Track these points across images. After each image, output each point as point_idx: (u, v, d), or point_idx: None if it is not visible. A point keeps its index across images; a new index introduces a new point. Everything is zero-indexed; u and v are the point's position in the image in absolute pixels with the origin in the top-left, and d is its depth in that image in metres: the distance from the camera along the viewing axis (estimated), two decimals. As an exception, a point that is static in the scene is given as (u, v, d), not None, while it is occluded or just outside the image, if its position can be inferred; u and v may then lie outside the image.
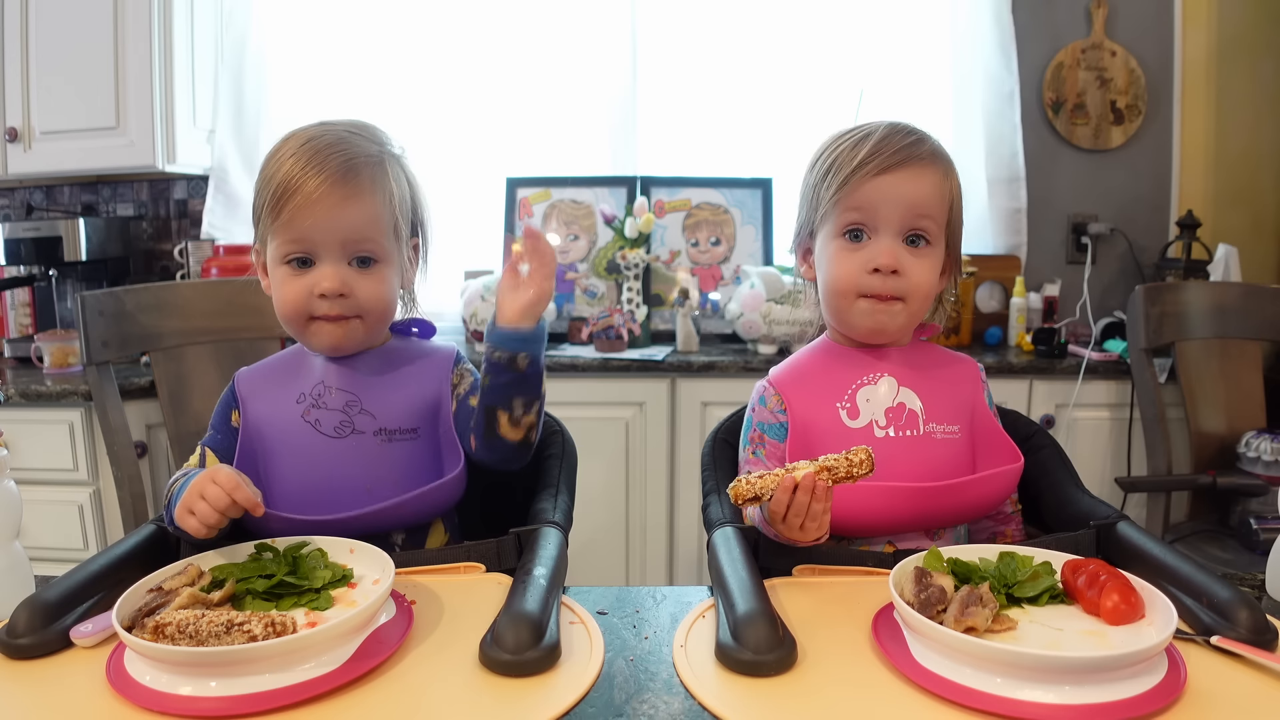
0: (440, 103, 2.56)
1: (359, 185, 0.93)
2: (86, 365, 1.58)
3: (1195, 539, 1.84)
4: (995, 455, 0.97)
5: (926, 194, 0.94)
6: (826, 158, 0.98)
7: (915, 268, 0.95)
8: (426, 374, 1.02)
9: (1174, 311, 1.97)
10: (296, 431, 0.97)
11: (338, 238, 0.93)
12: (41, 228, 2.35)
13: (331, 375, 0.99)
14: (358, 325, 0.96)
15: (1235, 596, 0.71)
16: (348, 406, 0.97)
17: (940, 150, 0.97)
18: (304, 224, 0.92)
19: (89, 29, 2.27)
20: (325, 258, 0.94)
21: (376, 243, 0.96)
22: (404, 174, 1.01)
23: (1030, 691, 0.61)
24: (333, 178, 0.91)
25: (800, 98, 2.54)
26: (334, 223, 0.92)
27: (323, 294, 0.93)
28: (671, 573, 2.23)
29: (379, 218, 0.95)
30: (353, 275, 0.95)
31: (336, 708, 0.63)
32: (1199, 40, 2.47)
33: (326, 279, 0.93)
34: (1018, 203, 2.48)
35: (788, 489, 0.79)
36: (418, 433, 0.99)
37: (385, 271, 0.97)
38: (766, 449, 0.99)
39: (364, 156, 0.95)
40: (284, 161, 0.93)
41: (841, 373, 0.99)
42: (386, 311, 0.99)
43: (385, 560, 0.77)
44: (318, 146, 0.93)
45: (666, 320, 2.49)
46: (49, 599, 0.73)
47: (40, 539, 2.05)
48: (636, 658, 0.73)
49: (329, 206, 0.92)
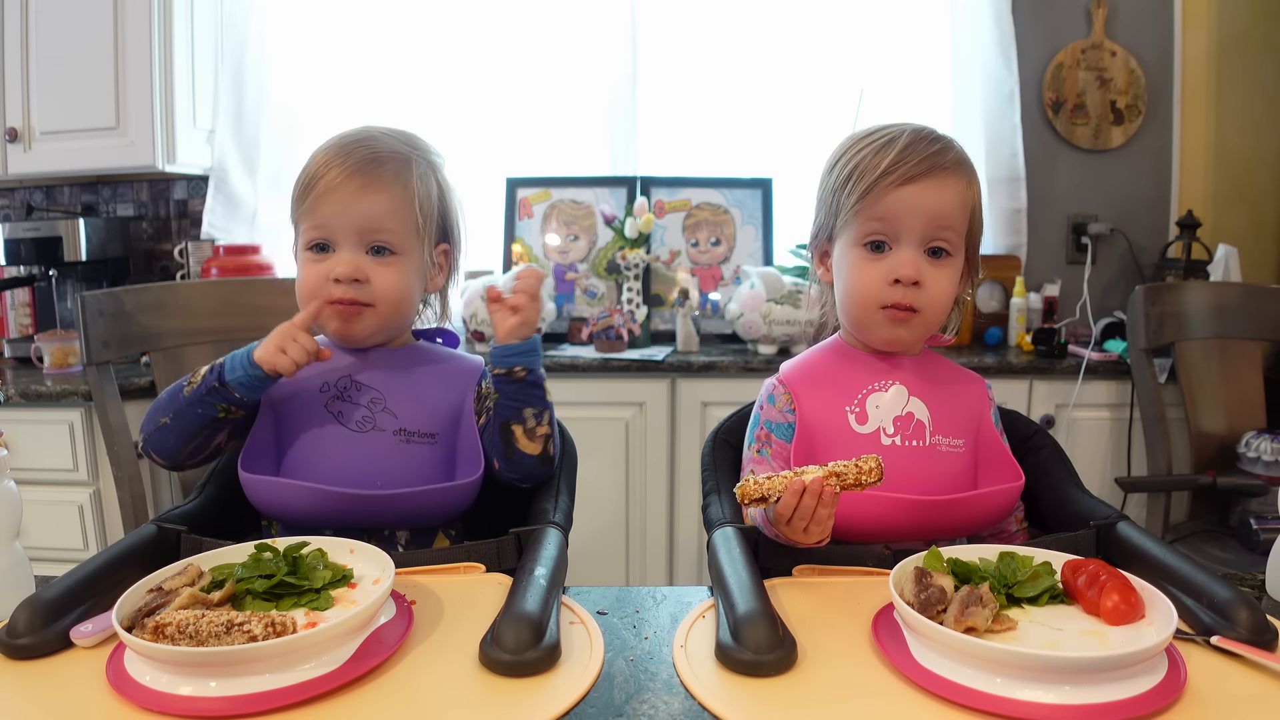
0: (440, 103, 2.56)
1: (379, 175, 0.96)
2: (86, 365, 1.57)
3: (1195, 539, 1.84)
4: (998, 473, 0.97)
5: (950, 205, 0.94)
6: (848, 162, 0.96)
7: (935, 279, 0.94)
8: (452, 380, 1.04)
9: (1174, 311, 1.97)
10: (319, 419, 0.99)
11: (355, 225, 0.96)
12: (41, 228, 2.35)
13: (359, 369, 1.01)
14: (370, 315, 0.98)
15: (1235, 596, 0.71)
16: (372, 403, 0.99)
17: (964, 158, 0.96)
18: (324, 210, 0.96)
19: (89, 29, 2.27)
20: (343, 244, 0.97)
21: (394, 234, 0.98)
22: (435, 180, 1.03)
23: (1030, 691, 0.61)
24: (354, 167, 0.95)
25: (800, 98, 2.54)
26: (351, 209, 0.96)
27: (337, 278, 0.96)
28: (671, 573, 2.23)
29: (397, 210, 0.98)
30: (368, 262, 0.97)
31: (336, 708, 0.63)
32: (1199, 40, 2.47)
33: (341, 263, 0.96)
34: (1018, 203, 2.49)
35: (796, 492, 0.79)
36: (436, 438, 1.01)
37: (403, 264, 0.99)
38: (773, 448, 0.99)
39: (389, 152, 0.98)
40: (317, 155, 0.98)
41: (853, 377, 0.99)
42: (402, 303, 1.00)
43: (385, 560, 0.77)
44: (347, 140, 0.98)
45: (666, 320, 2.49)
46: (49, 599, 0.72)
47: (40, 539, 2.05)
48: (636, 658, 0.73)
49: (348, 193, 0.95)
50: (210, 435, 0.99)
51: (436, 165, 1.03)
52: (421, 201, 0.99)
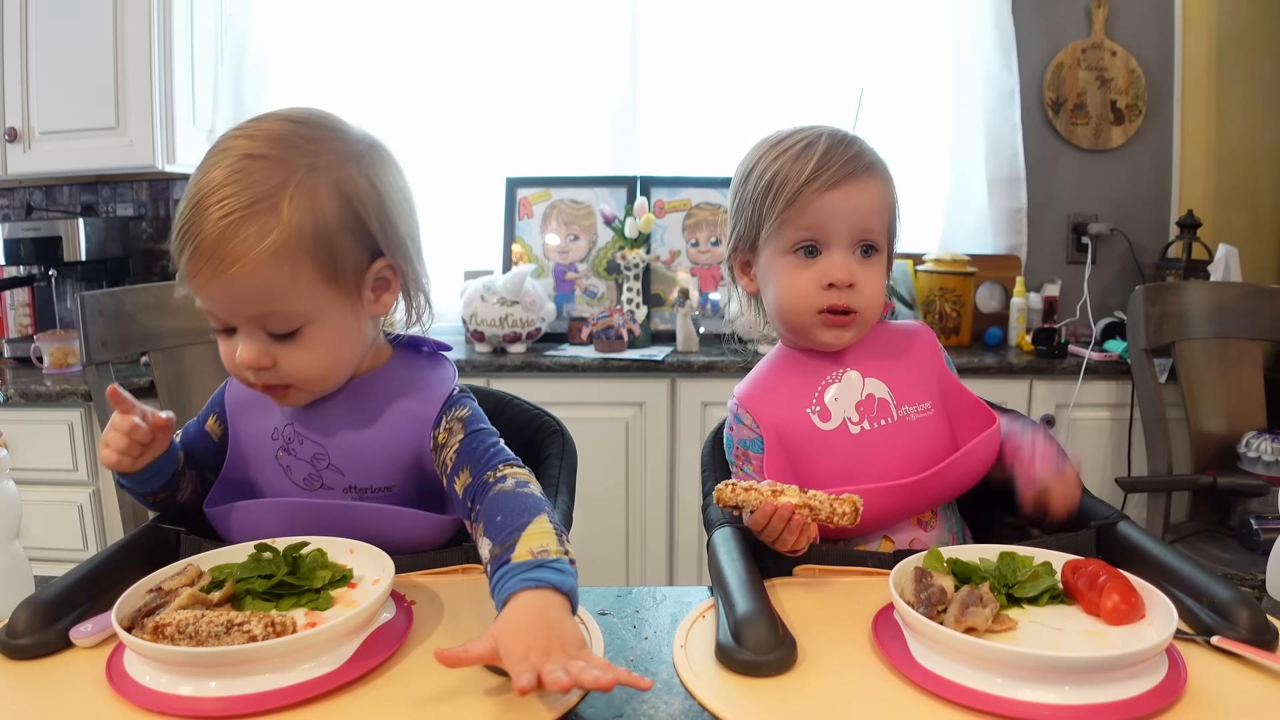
0: (440, 103, 2.56)
1: (241, 249, 0.75)
2: (86, 365, 1.58)
3: (1195, 539, 1.84)
4: (970, 422, 0.98)
5: (873, 205, 0.95)
6: (765, 170, 0.95)
7: (867, 278, 0.95)
8: (407, 423, 0.88)
9: (1174, 311, 1.97)
10: (270, 471, 0.90)
11: (239, 312, 0.79)
12: (41, 228, 2.35)
13: (300, 418, 0.88)
14: (295, 393, 0.85)
15: (1235, 596, 0.71)
16: (315, 459, 0.88)
17: (878, 158, 0.97)
18: (203, 296, 0.79)
19: (89, 29, 2.27)
20: (240, 328, 0.81)
21: (286, 314, 0.79)
22: (351, 185, 0.80)
23: (1030, 692, 0.61)
24: (207, 248, 0.75)
25: (800, 98, 2.54)
26: (225, 298, 0.78)
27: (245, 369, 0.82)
28: (671, 573, 2.23)
29: (276, 283, 0.77)
30: (274, 346, 0.81)
31: (336, 708, 0.63)
32: (1199, 40, 2.47)
33: (243, 351, 0.80)
34: (1018, 203, 2.49)
35: (767, 513, 0.82)
36: (393, 490, 0.89)
37: (315, 332, 0.81)
38: (753, 464, 0.99)
39: (248, 205, 0.75)
40: (178, 215, 0.78)
41: (805, 377, 0.99)
42: (328, 375, 0.85)
43: (385, 560, 0.77)
44: (195, 201, 0.76)
45: (666, 320, 2.49)
46: (49, 599, 0.72)
47: (40, 539, 2.05)
48: (636, 658, 0.73)
49: (211, 277, 0.76)
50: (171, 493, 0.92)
51: (340, 158, 0.80)
52: (314, 240, 0.78)
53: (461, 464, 0.85)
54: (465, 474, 0.84)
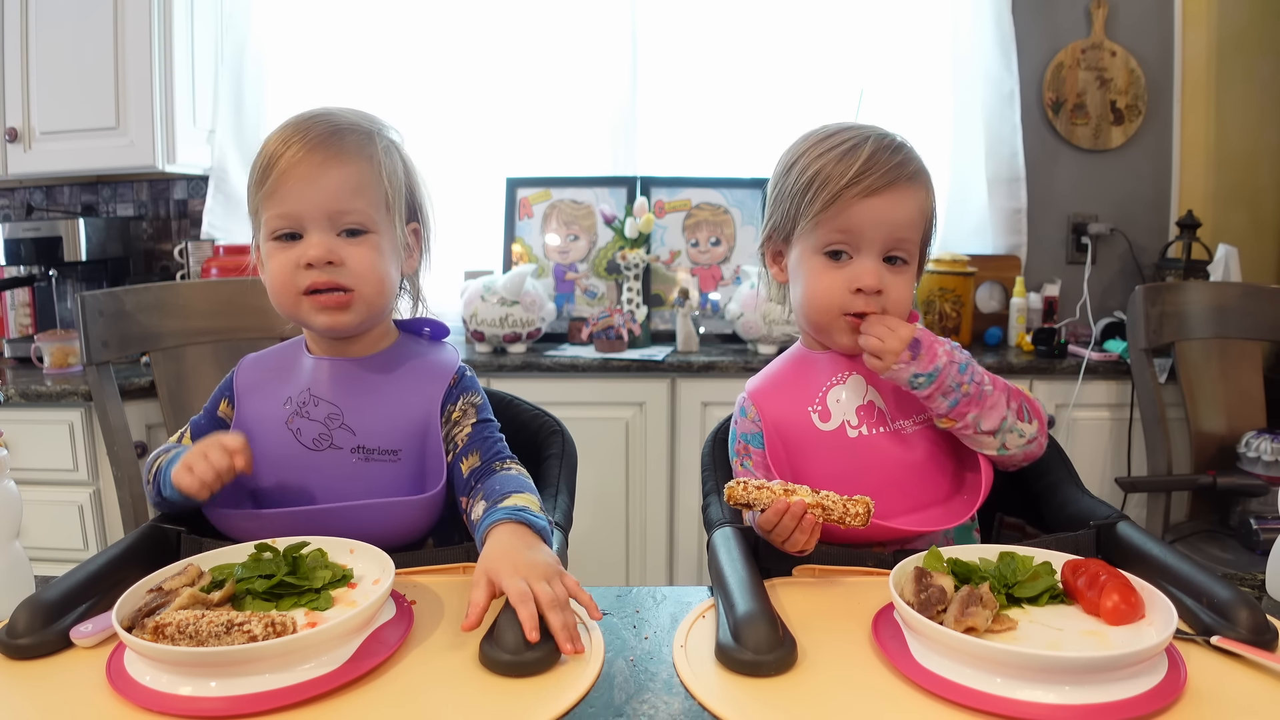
0: (440, 102, 2.56)
1: (342, 149, 0.89)
2: (86, 365, 1.58)
3: (1195, 539, 1.84)
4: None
5: (910, 216, 0.94)
6: (808, 166, 0.95)
7: (895, 286, 0.95)
8: (419, 393, 0.95)
9: (1174, 311, 1.97)
10: (278, 438, 0.93)
11: (322, 206, 0.89)
12: (41, 228, 2.35)
13: (320, 382, 0.94)
14: (355, 303, 0.91)
15: (1235, 596, 0.71)
16: (329, 419, 0.93)
17: (922, 166, 0.96)
18: (287, 194, 0.88)
19: (89, 29, 2.27)
20: (312, 229, 0.89)
21: (364, 212, 0.91)
22: (399, 155, 0.96)
23: (1030, 692, 0.61)
24: (314, 143, 0.88)
25: (801, 98, 2.54)
26: (317, 188, 0.88)
27: (309, 263, 0.89)
28: (671, 573, 2.23)
29: (365, 185, 0.91)
30: (341, 244, 0.90)
31: (336, 708, 0.63)
32: (1199, 40, 2.47)
33: (313, 247, 0.89)
34: (1018, 203, 2.49)
35: (779, 511, 0.82)
36: (399, 454, 0.93)
37: (378, 242, 0.92)
38: (753, 459, 1.00)
39: (349, 125, 0.91)
40: (273, 136, 0.91)
41: (812, 377, 0.99)
42: (382, 285, 0.93)
43: (385, 560, 0.77)
44: (303, 117, 0.91)
45: (666, 320, 2.49)
46: (49, 599, 0.72)
47: (40, 539, 2.05)
48: (636, 658, 0.73)
49: (310, 168, 0.88)
50: None
51: (397, 141, 0.97)
52: (389, 174, 0.93)
53: (472, 448, 0.96)
54: (474, 458, 0.95)
